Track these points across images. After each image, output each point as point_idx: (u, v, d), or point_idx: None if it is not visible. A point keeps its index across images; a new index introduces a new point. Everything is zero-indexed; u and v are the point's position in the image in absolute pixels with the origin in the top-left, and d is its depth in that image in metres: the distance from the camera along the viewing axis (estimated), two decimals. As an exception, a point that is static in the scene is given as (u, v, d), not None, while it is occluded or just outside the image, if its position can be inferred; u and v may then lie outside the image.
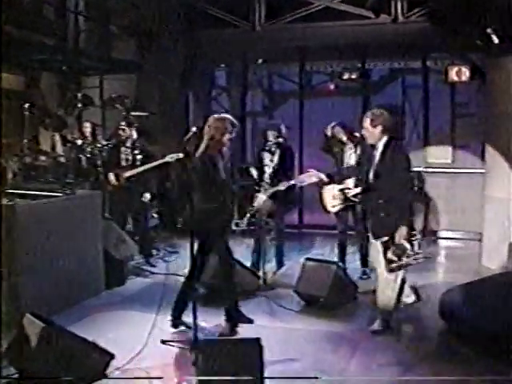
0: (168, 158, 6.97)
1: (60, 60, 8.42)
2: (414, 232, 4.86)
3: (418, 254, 4.86)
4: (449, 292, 5.44)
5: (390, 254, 4.79)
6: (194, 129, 4.71)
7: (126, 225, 7.47)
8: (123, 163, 7.25)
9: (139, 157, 7.22)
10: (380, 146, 4.91)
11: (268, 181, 6.67)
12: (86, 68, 9.24)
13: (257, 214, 6.71)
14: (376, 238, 4.90)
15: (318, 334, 5.13)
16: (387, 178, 4.80)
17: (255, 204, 6.57)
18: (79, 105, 8.51)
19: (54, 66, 8.71)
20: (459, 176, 9.37)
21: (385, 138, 4.90)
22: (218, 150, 4.99)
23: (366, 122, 4.96)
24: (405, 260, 4.81)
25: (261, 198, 6.53)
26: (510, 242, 6.92)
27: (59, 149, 8.49)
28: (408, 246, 4.79)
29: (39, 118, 8.45)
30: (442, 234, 9.29)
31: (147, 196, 7.19)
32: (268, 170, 6.72)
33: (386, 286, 4.95)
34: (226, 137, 4.96)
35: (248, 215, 6.73)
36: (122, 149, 7.27)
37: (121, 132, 7.26)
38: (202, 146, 4.97)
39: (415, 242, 4.85)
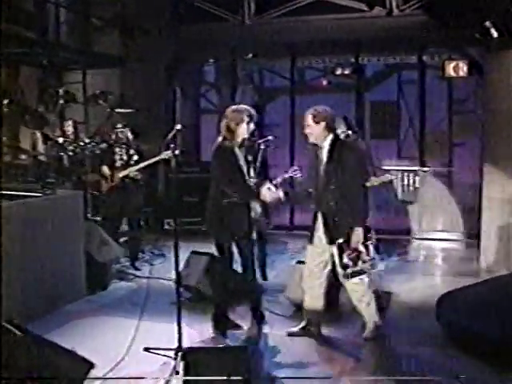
0: (163, 156, 6.92)
1: (40, 53, 8.32)
2: (369, 235, 4.77)
3: (373, 259, 4.77)
4: (446, 295, 5.38)
5: (345, 259, 4.71)
6: (178, 126, 4.64)
7: (120, 226, 7.45)
8: (118, 163, 7.20)
9: (135, 157, 7.19)
10: (326, 145, 4.82)
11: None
12: (67, 62, 9.16)
13: None
14: (330, 243, 4.81)
15: (310, 340, 5.07)
16: (337, 178, 4.72)
17: None
18: (60, 101, 8.42)
19: (33, 59, 8.63)
20: (456, 175, 9.34)
21: (330, 137, 4.82)
22: (240, 142, 4.97)
23: (308, 119, 4.82)
24: (360, 265, 4.73)
25: None
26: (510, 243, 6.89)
27: (40, 147, 8.41)
28: (363, 249, 4.70)
29: (19, 115, 8.36)
30: (439, 235, 9.25)
31: None
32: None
33: (356, 293, 4.90)
34: (243, 127, 4.91)
35: None
36: (117, 149, 7.22)
37: (120, 135, 7.21)
38: (219, 139, 4.99)
39: (371, 247, 4.76)
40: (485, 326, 4.66)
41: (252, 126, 4.96)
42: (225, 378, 3.54)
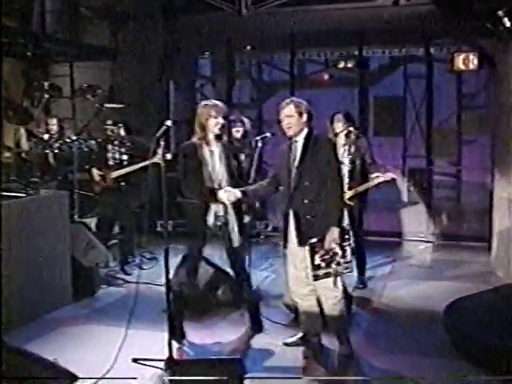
0: (156, 159, 6.89)
1: (24, 44, 8.24)
2: (347, 236, 4.68)
3: (349, 262, 4.69)
4: (454, 303, 5.32)
5: (317, 260, 4.61)
6: (168, 122, 4.58)
7: (112, 230, 7.42)
8: (111, 162, 7.16)
9: (125, 156, 7.15)
10: (300, 139, 4.73)
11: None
12: (53, 54, 9.05)
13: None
14: (302, 244, 4.71)
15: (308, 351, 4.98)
16: (311, 174, 4.63)
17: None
18: (46, 95, 8.34)
19: (17, 51, 8.53)
20: (466, 175, 9.31)
21: (305, 130, 4.74)
22: (211, 139, 4.97)
23: (290, 109, 4.69)
24: (333, 267, 4.64)
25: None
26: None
27: (24, 144, 8.33)
28: (339, 251, 4.62)
29: (1, 110, 8.28)
30: (447, 237, 9.20)
31: None
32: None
33: (328, 302, 4.80)
34: (211, 123, 4.89)
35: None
36: (109, 147, 7.17)
37: (109, 132, 7.15)
38: (193, 137, 5.01)
39: (347, 248, 4.68)
40: (496, 336, 4.59)
41: (221, 120, 4.91)
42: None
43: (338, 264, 4.62)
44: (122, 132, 7.23)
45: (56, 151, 7.99)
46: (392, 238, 9.23)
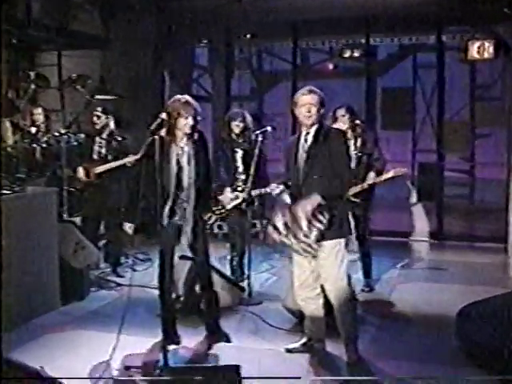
0: (126, 160, 6.92)
1: (8, 31, 8.21)
2: (321, 217, 4.56)
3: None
4: (467, 308, 5.30)
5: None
6: (163, 115, 4.58)
7: (98, 229, 7.40)
8: (95, 157, 7.14)
9: (111, 152, 7.11)
10: (312, 131, 4.68)
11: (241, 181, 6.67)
12: (40, 42, 9.06)
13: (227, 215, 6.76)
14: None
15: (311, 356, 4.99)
16: (321, 168, 4.59)
17: (224, 203, 6.56)
18: (32, 86, 8.32)
19: (1, 38, 8.53)
20: (480, 171, 9.29)
21: (317, 124, 4.71)
22: (180, 137, 4.94)
23: (313, 97, 4.62)
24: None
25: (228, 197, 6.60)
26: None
27: (9, 138, 8.30)
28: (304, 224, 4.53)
29: (-16, 101, 8.29)
30: (460, 238, 9.18)
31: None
32: (240, 169, 6.70)
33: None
34: (181, 122, 4.85)
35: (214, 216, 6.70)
36: (97, 139, 7.14)
37: (95, 119, 7.09)
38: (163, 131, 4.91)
39: (314, 231, 4.56)
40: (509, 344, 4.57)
41: (191, 121, 4.85)
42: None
43: (295, 237, 4.58)
44: (112, 125, 7.19)
45: (44, 145, 7.97)
46: (400, 238, 9.23)
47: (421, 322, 5.83)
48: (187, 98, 4.97)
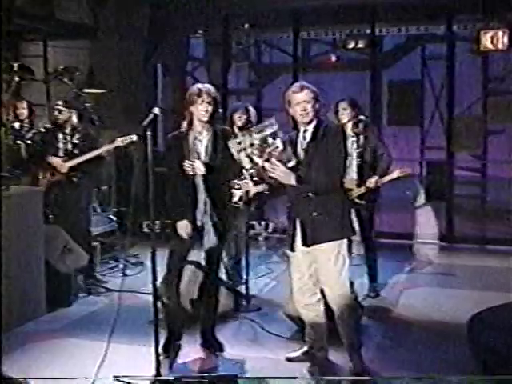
0: (119, 142, 6.89)
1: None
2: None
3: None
4: (479, 315, 5.29)
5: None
6: (156, 110, 4.58)
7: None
8: (60, 153, 7.07)
9: (80, 145, 7.03)
10: (310, 129, 4.68)
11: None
12: (24, 31, 9.05)
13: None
14: (307, 245, 4.68)
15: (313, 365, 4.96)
16: (320, 167, 4.58)
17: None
18: (16, 78, 8.31)
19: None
20: (493, 169, 9.29)
21: (315, 120, 4.71)
22: (199, 127, 4.95)
23: (307, 94, 4.63)
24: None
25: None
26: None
27: (-8, 134, 8.31)
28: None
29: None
30: (471, 240, 9.19)
31: None
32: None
33: None
34: (198, 108, 4.86)
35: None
36: (59, 135, 7.09)
37: (57, 114, 7.06)
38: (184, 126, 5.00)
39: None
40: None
41: (210, 108, 4.87)
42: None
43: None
44: (75, 119, 7.11)
45: (28, 142, 7.95)
46: (408, 241, 9.23)
47: (429, 330, 5.83)
48: (205, 84, 5.04)
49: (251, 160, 4.51)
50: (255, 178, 4.86)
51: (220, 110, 5.09)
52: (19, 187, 6.57)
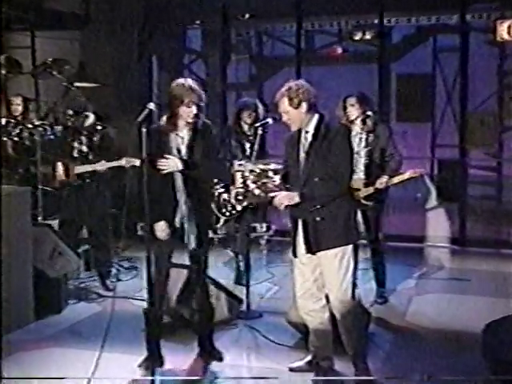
0: (123, 162, 6.86)
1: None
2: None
3: None
4: (495, 323, 5.29)
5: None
6: (151, 105, 4.59)
7: (79, 234, 7.40)
8: (75, 154, 7.08)
9: (92, 149, 7.07)
10: (311, 129, 4.69)
11: None
12: (11, 21, 9.02)
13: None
14: (311, 251, 4.71)
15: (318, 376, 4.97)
16: (323, 169, 4.59)
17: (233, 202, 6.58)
18: (2, 71, 8.32)
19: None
20: (508, 168, 9.28)
21: (316, 117, 4.71)
22: (181, 125, 4.94)
23: (283, 103, 4.68)
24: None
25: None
26: None
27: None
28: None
29: None
30: (485, 244, 9.18)
31: None
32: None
33: None
34: (183, 110, 4.85)
35: (221, 220, 6.77)
36: (76, 135, 7.10)
37: (70, 124, 7.06)
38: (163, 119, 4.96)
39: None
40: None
41: (194, 110, 4.86)
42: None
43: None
44: (91, 120, 7.13)
45: (15, 139, 7.96)
46: (418, 244, 9.23)
47: (441, 339, 5.82)
48: (190, 82, 4.98)
49: (244, 182, 4.67)
50: (239, 197, 4.95)
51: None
52: (7, 186, 6.56)
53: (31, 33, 9.05)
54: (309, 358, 5.08)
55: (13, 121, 8.08)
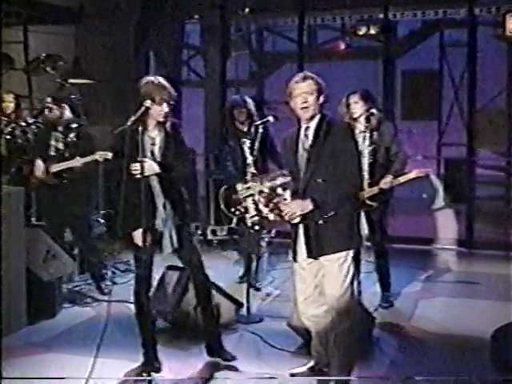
0: (97, 156, 6.82)
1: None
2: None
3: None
4: (504, 328, 5.29)
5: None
6: (147, 102, 4.59)
7: (62, 236, 7.31)
8: (52, 152, 7.05)
9: (73, 144, 7.01)
10: (312, 125, 4.64)
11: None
12: (3, 15, 8.99)
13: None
14: (312, 255, 4.67)
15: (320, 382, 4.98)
16: (325, 169, 4.54)
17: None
18: (-6, 67, 8.34)
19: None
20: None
21: (318, 115, 4.66)
22: (152, 125, 4.92)
23: (309, 85, 4.57)
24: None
25: None
26: None
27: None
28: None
29: None
30: (494, 246, 9.18)
31: None
32: (249, 161, 6.71)
33: None
34: (154, 109, 4.80)
35: (234, 219, 6.75)
36: (53, 133, 7.07)
37: (47, 112, 7.04)
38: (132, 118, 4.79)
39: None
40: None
41: (166, 108, 4.85)
42: None
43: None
44: (68, 114, 7.10)
45: (8, 137, 7.95)
46: (424, 246, 9.23)
47: (448, 345, 5.81)
48: (160, 79, 4.95)
49: (257, 207, 4.66)
50: (256, 227, 4.97)
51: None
52: (-1, 187, 6.57)
53: (24, 27, 9.06)
54: (311, 363, 5.07)
55: (5, 119, 8.07)
